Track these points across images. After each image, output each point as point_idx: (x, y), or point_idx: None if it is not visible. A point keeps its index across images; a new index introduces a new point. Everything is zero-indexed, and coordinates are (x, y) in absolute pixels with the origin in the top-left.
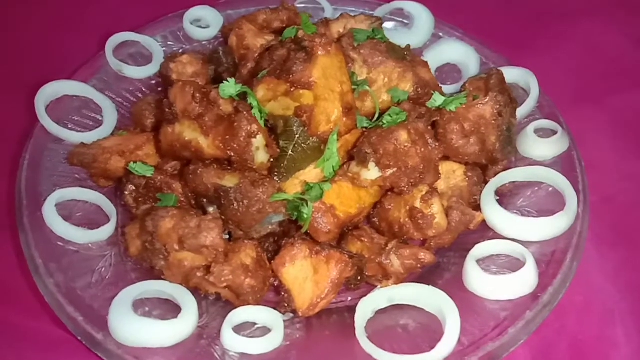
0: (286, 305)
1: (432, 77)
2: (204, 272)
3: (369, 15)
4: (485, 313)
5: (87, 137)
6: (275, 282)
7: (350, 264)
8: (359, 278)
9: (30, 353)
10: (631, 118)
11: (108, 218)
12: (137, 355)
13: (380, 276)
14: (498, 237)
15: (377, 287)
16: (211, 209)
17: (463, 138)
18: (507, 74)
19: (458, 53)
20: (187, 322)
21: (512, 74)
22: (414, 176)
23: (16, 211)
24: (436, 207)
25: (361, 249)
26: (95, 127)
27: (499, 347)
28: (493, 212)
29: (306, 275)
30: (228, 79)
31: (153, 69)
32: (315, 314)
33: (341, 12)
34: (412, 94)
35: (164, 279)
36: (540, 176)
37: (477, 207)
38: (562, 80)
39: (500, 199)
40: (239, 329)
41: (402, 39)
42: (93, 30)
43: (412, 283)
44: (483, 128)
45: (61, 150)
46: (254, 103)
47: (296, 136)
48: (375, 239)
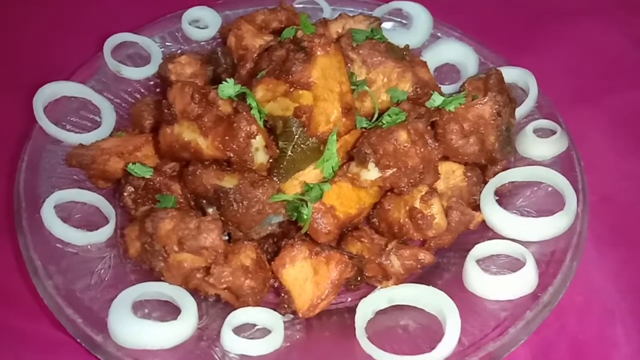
0: (286, 306)
1: (431, 77)
2: (204, 274)
3: (368, 15)
4: (485, 313)
5: (86, 138)
6: (275, 283)
7: (350, 265)
8: (359, 279)
9: (29, 355)
10: (631, 118)
11: (107, 219)
12: (137, 357)
13: (380, 277)
14: (498, 237)
15: (377, 288)
16: (210, 210)
17: (462, 138)
18: (506, 74)
19: (457, 53)
20: (187, 324)
21: (511, 74)
22: (414, 176)
23: (15, 213)
24: (436, 208)
25: (361, 250)
26: (93, 128)
27: (500, 347)
28: (492, 212)
29: (306, 276)
30: (227, 80)
31: (151, 70)
32: (315, 315)
33: (339, 13)
34: (412, 94)
35: (164, 281)
36: (539, 176)
37: (477, 207)
38: (562, 80)
39: (499, 199)
40: (239, 331)
41: (401, 39)
42: (92, 30)
43: (412, 283)
44: (482, 128)
45: (59, 151)
46: (253, 103)
47: (295, 137)
48: (375, 240)
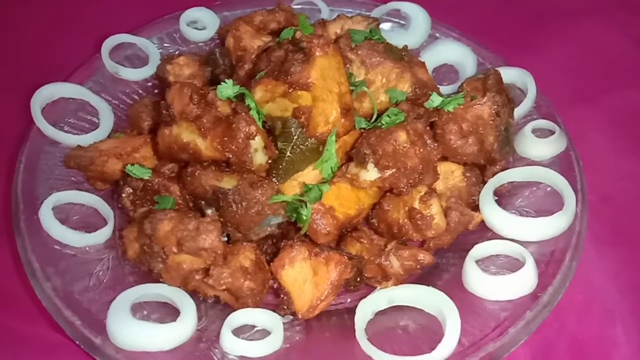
0: (285, 307)
1: (430, 78)
2: (203, 275)
3: (366, 16)
4: (485, 313)
5: (84, 140)
6: (274, 285)
7: (349, 266)
8: (359, 279)
9: (27, 357)
10: (630, 117)
11: (105, 221)
12: (136, 359)
13: (379, 277)
14: (497, 238)
15: (377, 289)
16: (209, 211)
17: (461, 138)
18: (504, 74)
19: (455, 54)
20: (186, 326)
21: (509, 74)
22: (413, 177)
23: (12, 215)
24: (435, 208)
25: (360, 251)
26: (91, 130)
27: (500, 348)
28: (492, 213)
29: (305, 277)
30: (225, 81)
31: (149, 71)
32: (314, 316)
33: (338, 13)
34: (410, 95)
35: (163, 282)
36: (538, 176)
37: (476, 208)
38: (562, 79)
39: (498, 199)
40: (238, 332)
41: (399, 40)
42: (92, 31)
43: (412, 284)
44: (481, 128)
45: (57, 153)
46: (252, 104)
47: (294, 137)
48: (374, 240)
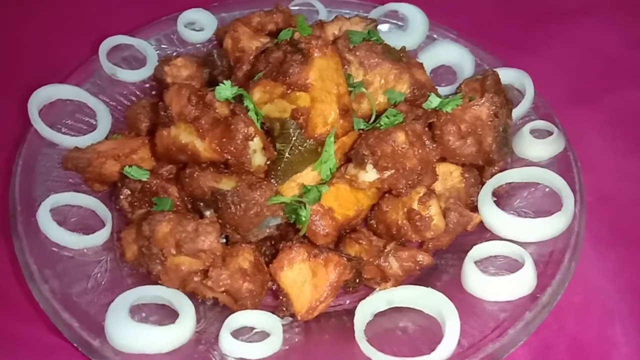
0: (285, 309)
1: (428, 79)
2: (202, 277)
3: (364, 17)
4: (484, 314)
5: (81, 141)
6: (273, 286)
7: (348, 267)
8: (358, 281)
9: None
10: (630, 117)
11: (103, 223)
12: None
13: (378, 279)
14: (496, 238)
15: (376, 290)
16: (208, 213)
17: (460, 139)
18: (502, 75)
19: (453, 55)
20: (185, 328)
21: (507, 75)
22: (412, 178)
23: (10, 217)
24: (434, 209)
25: (359, 252)
26: (89, 131)
27: (499, 349)
28: (490, 213)
29: (304, 278)
30: (224, 82)
31: (147, 72)
32: (314, 318)
33: (335, 15)
34: (409, 96)
35: (161, 284)
36: (536, 177)
37: (474, 209)
38: (561, 79)
39: (497, 200)
40: (238, 334)
41: (397, 41)
42: (90, 32)
43: (411, 285)
44: (479, 129)
45: (55, 154)
46: (250, 105)
47: (293, 138)
48: (373, 242)
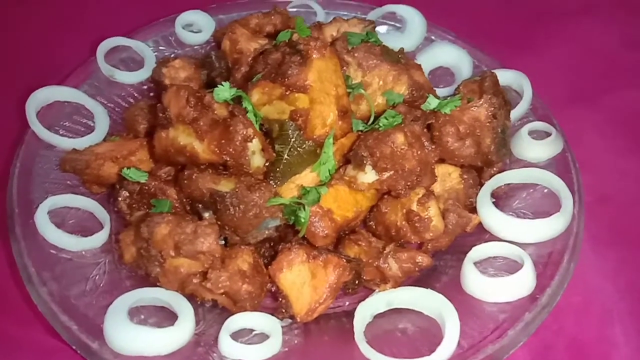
0: (284, 310)
1: (426, 80)
2: (201, 279)
3: (362, 19)
4: (484, 315)
5: (79, 143)
6: (272, 288)
7: (348, 268)
8: (357, 282)
9: None
10: (629, 117)
11: (101, 225)
12: None
13: (378, 280)
14: (494, 239)
15: (375, 291)
16: (207, 215)
17: (458, 140)
18: (500, 77)
19: (451, 56)
20: (184, 330)
21: (505, 77)
22: (411, 179)
23: (8, 219)
24: (433, 210)
25: (358, 253)
26: (87, 133)
27: (499, 350)
28: (489, 214)
29: (304, 280)
30: (222, 83)
31: (145, 74)
32: (313, 320)
33: (333, 16)
34: (407, 97)
35: (160, 286)
36: (535, 178)
37: (473, 210)
38: (561, 79)
39: (495, 201)
40: (237, 336)
41: (395, 43)
42: (90, 33)
43: (411, 286)
44: (478, 130)
45: (53, 156)
46: (249, 107)
47: (292, 140)
48: (372, 243)
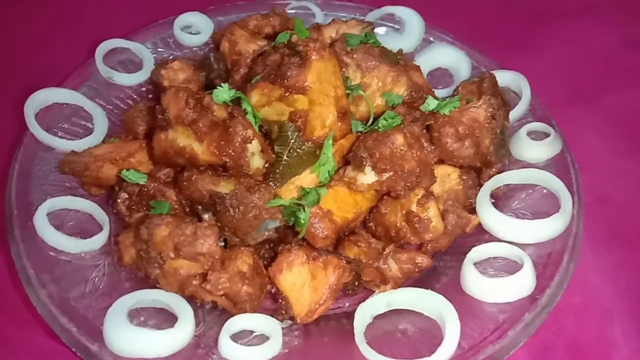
0: (284, 312)
1: (425, 81)
2: (200, 280)
3: (360, 20)
4: (484, 316)
5: (78, 145)
6: (272, 289)
7: (347, 269)
8: (357, 283)
9: None
10: (628, 117)
11: (100, 227)
12: None
13: (378, 281)
14: (494, 240)
15: (375, 292)
16: (206, 216)
17: (457, 141)
18: (499, 78)
19: (449, 57)
20: (184, 331)
21: (504, 78)
22: (411, 180)
23: (6, 221)
24: (432, 211)
25: (358, 254)
26: (85, 135)
27: (499, 350)
28: (488, 215)
29: (303, 281)
30: (221, 85)
31: (143, 76)
32: (313, 321)
33: (332, 18)
34: (406, 98)
35: (160, 288)
36: (534, 178)
37: (473, 210)
38: (561, 79)
39: (495, 202)
40: (237, 337)
41: (394, 44)
42: (90, 34)
43: (410, 287)
44: (477, 131)
45: (52, 158)
46: (248, 108)
47: (291, 141)
48: (372, 244)
